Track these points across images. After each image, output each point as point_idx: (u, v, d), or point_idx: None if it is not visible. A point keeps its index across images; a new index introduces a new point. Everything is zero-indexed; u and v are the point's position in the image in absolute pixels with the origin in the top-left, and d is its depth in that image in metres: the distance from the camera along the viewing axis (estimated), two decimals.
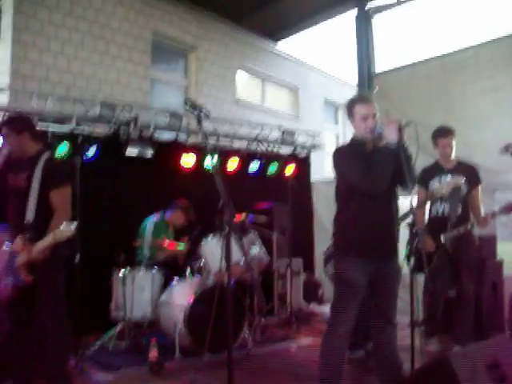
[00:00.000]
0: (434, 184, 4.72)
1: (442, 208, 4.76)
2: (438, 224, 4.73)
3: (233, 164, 6.80)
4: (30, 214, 3.53)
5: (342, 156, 3.45)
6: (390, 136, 3.20)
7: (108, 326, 5.09)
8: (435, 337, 4.86)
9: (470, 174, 4.69)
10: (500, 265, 5.39)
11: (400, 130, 3.18)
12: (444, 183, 4.58)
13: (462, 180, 4.48)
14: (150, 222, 5.51)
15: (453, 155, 4.75)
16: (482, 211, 4.67)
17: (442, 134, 4.72)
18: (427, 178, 4.81)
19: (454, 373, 2.45)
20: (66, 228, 3.42)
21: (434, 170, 4.80)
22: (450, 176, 4.68)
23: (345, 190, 3.46)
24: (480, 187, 4.73)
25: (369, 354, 4.31)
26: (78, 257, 4.43)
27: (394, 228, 3.40)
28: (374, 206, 3.33)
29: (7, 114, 5.15)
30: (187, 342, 4.57)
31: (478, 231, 4.92)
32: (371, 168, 3.23)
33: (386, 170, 3.24)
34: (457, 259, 4.64)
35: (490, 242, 5.39)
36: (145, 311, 5.01)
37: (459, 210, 4.67)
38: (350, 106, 3.45)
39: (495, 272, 5.30)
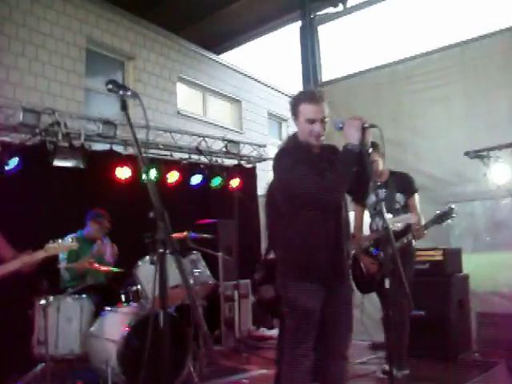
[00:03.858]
0: (371, 199, 4.41)
1: (381, 223, 4.48)
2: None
3: (173, 176, 6.29)
4: None
5: (287, 163, 2.90)
6: (351, 135, 2.71)
7: (30, 364, 4.45)
8: (400, 362, 4.45)
9: (405, 183, 4.53)
10: (466, 280, 5.16)
11: (364, 129, 2.72)
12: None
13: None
14: None
15: (381, 168, 4.50)
16: (422, 220, 4.39)
17: None
18: None
19: None
20: (64, 243, 3.76)
21: None
22: (384, 190, 4.46)
23: (289, 202, 2.91)
24: (417, 196, 4.53)
25: None
26: None
27: (345, 246, 2.93)
28: (324, 222, 2.84)
29: None
30: (120, 380, 4.00)
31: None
32: (323, 177, 2.76)
33: (344, 180, 2.77)
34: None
35: (455, 255, 5.16)
36: (72, 346, 4.39)
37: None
38: (295, 104, 2.91)
39: (461, 288, 5.06)
